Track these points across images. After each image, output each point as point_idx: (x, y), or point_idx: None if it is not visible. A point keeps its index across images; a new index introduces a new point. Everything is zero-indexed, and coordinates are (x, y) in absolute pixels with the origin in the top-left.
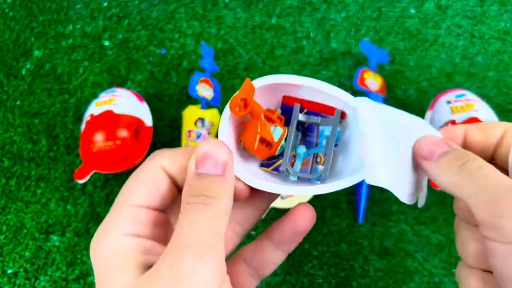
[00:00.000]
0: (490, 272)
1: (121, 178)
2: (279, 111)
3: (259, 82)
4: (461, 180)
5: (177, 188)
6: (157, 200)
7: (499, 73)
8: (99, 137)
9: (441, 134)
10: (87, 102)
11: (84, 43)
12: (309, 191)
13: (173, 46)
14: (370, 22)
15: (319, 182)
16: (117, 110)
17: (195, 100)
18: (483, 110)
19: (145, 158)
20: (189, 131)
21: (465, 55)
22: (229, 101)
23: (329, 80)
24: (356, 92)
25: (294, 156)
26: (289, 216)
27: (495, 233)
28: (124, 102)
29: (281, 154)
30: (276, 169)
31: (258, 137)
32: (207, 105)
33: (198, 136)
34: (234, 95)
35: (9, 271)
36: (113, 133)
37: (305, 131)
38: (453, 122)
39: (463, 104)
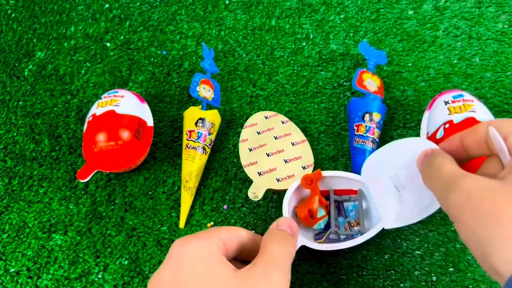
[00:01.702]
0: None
1: (122, 177)
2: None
3: (324, 173)
4: (430, 179)
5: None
6: (234, 246)
7: (496, 74)
8: (101, 137)
9: (433, 145)
10: (89, 102)
11: (86, 44)
12: (354, 243)
13: (174, 47)
14: (369, 24)
15: (359, 236)
16: (119, 110)
17: (195, 101)
18: (480, 110)
19: (147, 158)
20: (190, 131)
21: (463, 56)
22: (302, 176)
23: (328, 81)
24: (355, 93)
25: (336, 226)
26: None
27: (450, 217)
28: (126, 102)
29: (326, 229)
30: (328, 238)
31: (308, 208)
32: (208, 105)
33: (199, 136)
34: (307, 174)
35: (12, 270)
36: (115, 133)
37: (340, 209)
38: (450, 123)
39: (460, 104)
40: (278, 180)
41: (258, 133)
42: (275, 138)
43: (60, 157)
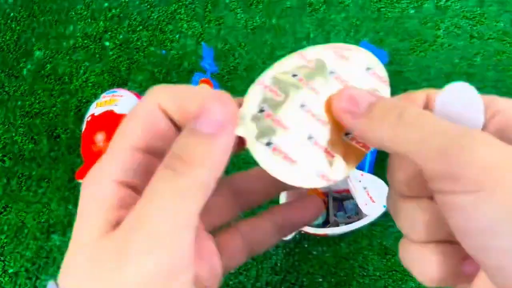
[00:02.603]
0: (447, 241)
1: None
2: None
3: None
4: (402, 131)
5: (177, 129)
6: (154, 142)
7: (498, 73)
8: (100, 137)
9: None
10: (88, 102)
11: (85, 43)
12: (353, 226)
13: (174, 47)
14: (370, 23)
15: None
16: (118, 110)
17: None
18: None
19: None
20: None
21: (464, 56)
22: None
23: None
24: None
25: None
26: (299, 206)
27: (458, 185)
28: (125, 102)
29: (324, 225)
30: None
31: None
32: None
33: None
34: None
35: (10, 271)
36: (113, 133)
37: (340, 207)
38: None
39: None
40: None
41: None
42: None
43: (59, 157)
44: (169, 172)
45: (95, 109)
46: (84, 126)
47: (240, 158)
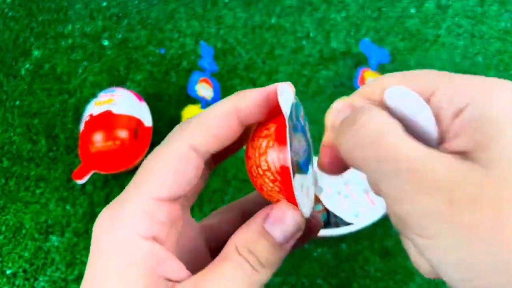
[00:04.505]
0: None
1: (120, 178)
2: None
3: None
4: (355, 150)
5: (206, 164)
6: (182, 190)
7: (499, 73)
8: (98, 137)
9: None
10: (87, 102)
11: (83, 43)
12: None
13: (173, 46)
14: (370, 22)
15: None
16: (116, 110)
17: (194, 100)
18: None
19: (145, 158)
20: None
21: (466, 55)
22: None
23: (329, 80)
24: None
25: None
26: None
27: (407, 230)
28: (123, 102)
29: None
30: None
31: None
32: (207, 105)
33: None
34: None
35: (8, 272)
36: (112, 133)
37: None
38: None
39: None
40: None
41: None
42: None
43: (58, 157)
44: (247, 265)
45: (94, 108)
46: (82, 126)
47: (239, 157)
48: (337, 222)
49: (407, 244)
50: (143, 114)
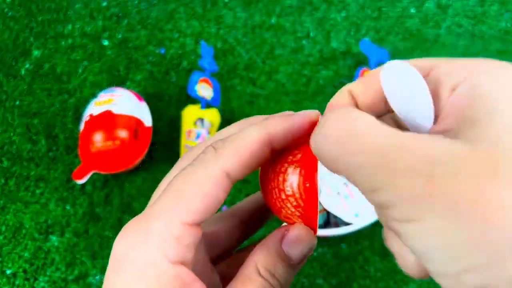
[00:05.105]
0: None
1: (120, 178)
2: None
3: None
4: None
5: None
6: (210, 214)
7: None
8: (98, 137)
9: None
10: (87, 102)
11: (83, 43)
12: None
13: (173, 46)
14: (370, 22)
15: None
16: (116, 110)
17: (194, 100)
18: None
19: (145, 158)
20: (189, 131)
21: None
22: None
23: (329, 80)
24: None
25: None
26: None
27: (393, 213)
28: (123, 102)
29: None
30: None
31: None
32: (207, 105)
33: (198, 136)
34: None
35: (8, 272)
36: (112, 133)
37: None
38: None
39: None
40: None
41: None
42: None
43: (57, 157)
44: (264, 284)
45: (94, 108)
46: (82, 126)
47: None
48: (337, 222)
49: (390, 243)
50: (143, 114)
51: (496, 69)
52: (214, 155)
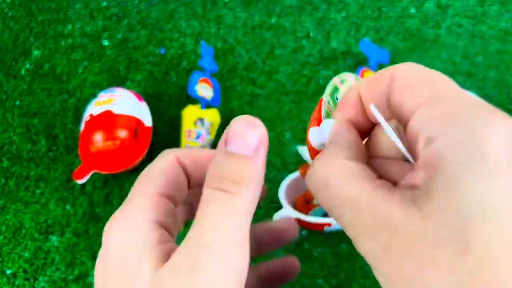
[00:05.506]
0: None
1: (120, 178)
2: None
3: None
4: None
5: (189, 181)
6: (173, 191)
7: (499, 73)
8: (98, 137)
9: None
10: (87, 102)
11: (83, 43)
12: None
13: (173, 46)
14: (370, 22)
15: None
16: (116, 110)
17: (194, 100)
18: None
19: (145, 158)
20: (189, 131)
21: (466, 55)
22: (300, 166)
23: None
24: None
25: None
26: (283, 261)
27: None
28: (123, 102)
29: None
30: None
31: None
32: (207, 105)
33: (198, 136)
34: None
35: (8, 272)
36: (112, 133)
37: None
38: None
39: None
40: None
41: None
42: None
43: (58, 157)
44: (222, 194)
45: (94, 108)
46: (82, 126)
47: None
48: None
49: None
50: (143, 114)
51: (478, 126)
52: (168, 151)
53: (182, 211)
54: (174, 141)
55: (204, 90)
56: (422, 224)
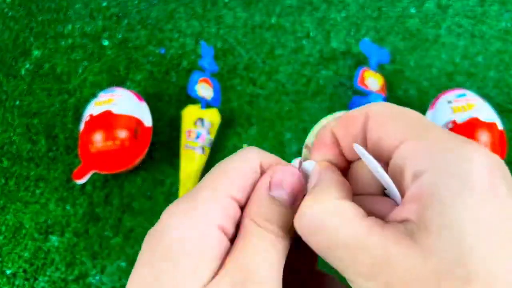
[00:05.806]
0: None
1: (120, 178)
2: None
3: None
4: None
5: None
6: (246, 199)
7: (499, 73)
8: (98, 137)
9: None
10: (87, 102)
11: (83, 43)
12: None
13: (173, 46)
14: (370, 22)
15: None
16: (116, 110)
17: (194, 100)
18: (483, 110)
19: (144, 158)
20: (189, 131)
21: (466, 55)
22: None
23: (329, 80)
24: (356, 92)
25: None
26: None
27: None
28: (123, 102)
29: None
30: None
31: None
32: (207, 105)
33: (198, 136)
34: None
35: (8, 272)
36: (112, 133)
37: None
38: (453, 122)
39: (463, 104)
40: None
41: None
42: None
43: (57, 157)
44: (270, 235)
45: (94, 108)
46: (82, 126)
47: None
48: None
49: None
50: (143, 114)
51: (463, 162)
52: (248, 149)
53: None
54: (174, 141)
55: (204, 90)
56: (422, 257)
